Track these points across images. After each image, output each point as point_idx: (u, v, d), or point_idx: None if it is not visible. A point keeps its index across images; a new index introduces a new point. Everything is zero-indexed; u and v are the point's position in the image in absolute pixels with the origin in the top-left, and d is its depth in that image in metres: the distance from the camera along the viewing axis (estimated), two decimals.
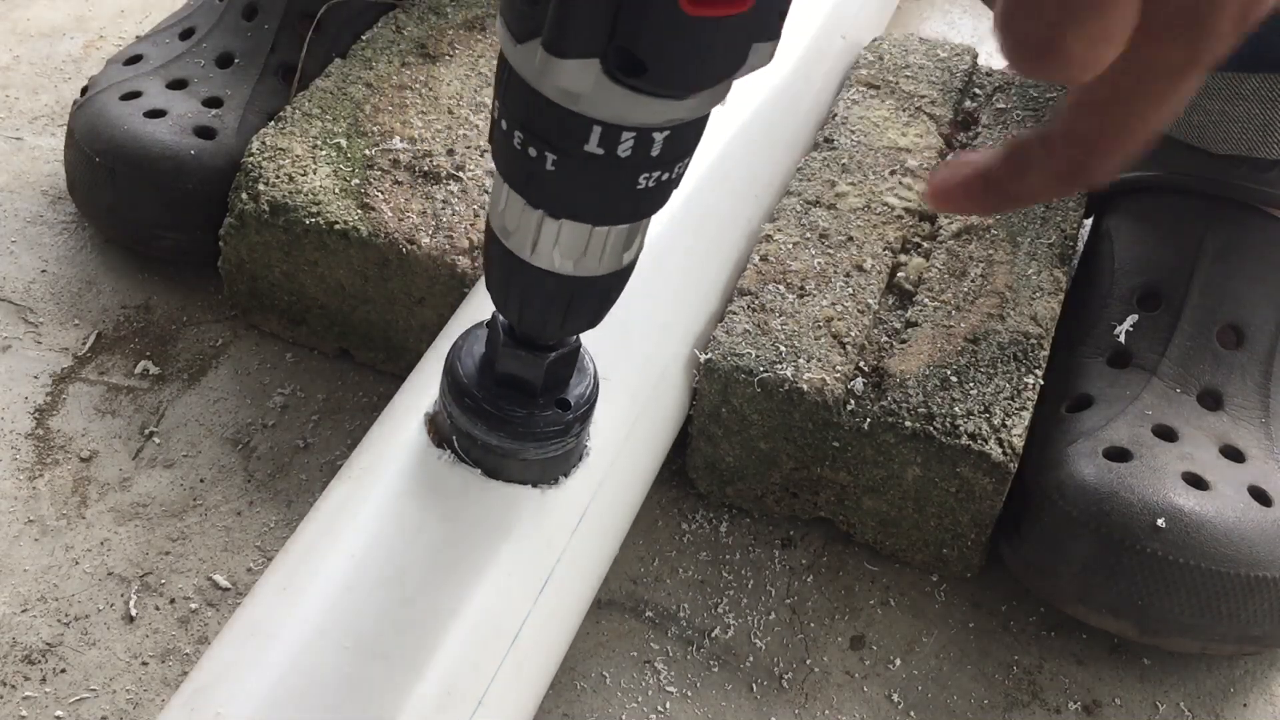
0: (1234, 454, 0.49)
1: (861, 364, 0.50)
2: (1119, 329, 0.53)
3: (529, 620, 0.40)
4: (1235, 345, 0.52)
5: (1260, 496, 0.48)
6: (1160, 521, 0.45)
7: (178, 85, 0.61)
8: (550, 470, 0.41)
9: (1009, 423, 0.48)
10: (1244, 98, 0.52)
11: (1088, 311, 0.55)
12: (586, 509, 0.43)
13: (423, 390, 0.44)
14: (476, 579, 0.39)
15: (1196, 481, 0.47)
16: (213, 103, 0.60)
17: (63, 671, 0.46)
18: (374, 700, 0.36)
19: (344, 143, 0.56)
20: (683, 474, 0.53)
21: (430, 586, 0.38)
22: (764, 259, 0.53)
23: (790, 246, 0.54)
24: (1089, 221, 0.67)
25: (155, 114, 0.58)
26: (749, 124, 0.58)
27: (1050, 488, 0.48)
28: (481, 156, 0.56)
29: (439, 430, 0.42)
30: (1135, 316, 0.53)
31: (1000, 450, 0.47)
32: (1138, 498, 0.46)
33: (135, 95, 0.59)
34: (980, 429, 0.48)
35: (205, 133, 0.58)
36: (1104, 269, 0.56)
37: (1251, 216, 0.54)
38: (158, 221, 0.58)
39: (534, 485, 0.41)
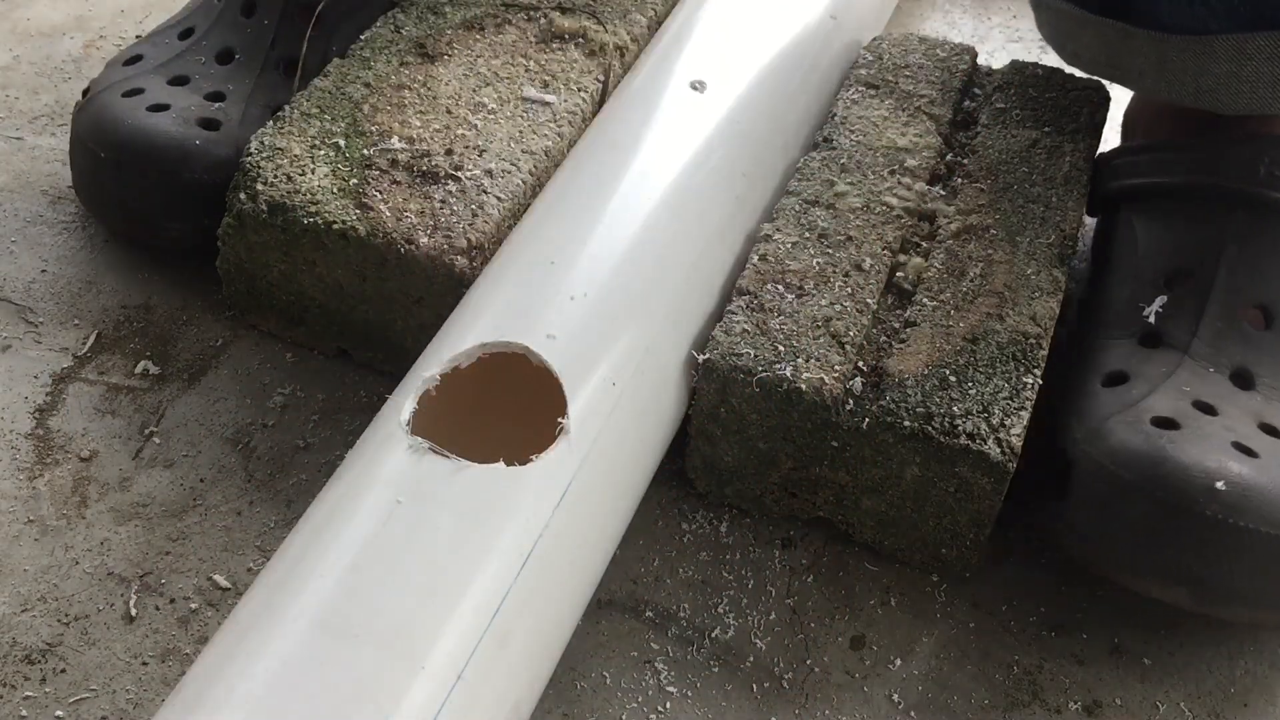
0: (1272, 431, 0.49)
1: (860, 364, 0.50)
2: (1148, 310, 0.52)
3: (510, 595, 0.40)
4: (1264, 325, 0.52)
5: None
6: (1219, 484, 0.44)
7: (179, 82, 0.61)
8: None
9: (1007, 422, 0.48)
10: (1250, 57, 0.52)
11: (1114, 294, 0.54)
12: (569, 485, 0.43)
13: (413, 389, 0.44)
14: (449, 556, 0.39)
15: (1245, 450, 0.47)
16: (215, 97, 0.60)
17: (63, 671, 0.46)
18: (349, 681, 0.36)
19: (342, 142, 0.56)
20: (683, 474, 0.53)
21: (404, 568, 0.39)
22: (763, 258, 0.53)
23: (789, 246, 0.54)
24: (1089, 221, 0.67)
25: (159, 108, 0.58)
26: (748, 123, 0.58)
27: (1100, 455, 0.47)
28: (480, 156, 0.56)
29: None
30: (1164, 298, 0.52)
31: (999, 450, 0.47)
32: (1194, 462, 0.45)
33: (137, 92, 0.59)
34: (979, 429, 0.48)
35: (209, 124, 0.58)
36: (1126, 253, 0.55)
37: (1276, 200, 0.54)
38: (165, 213, 0.58)
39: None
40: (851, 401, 0.49)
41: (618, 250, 0.50)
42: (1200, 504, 0.44)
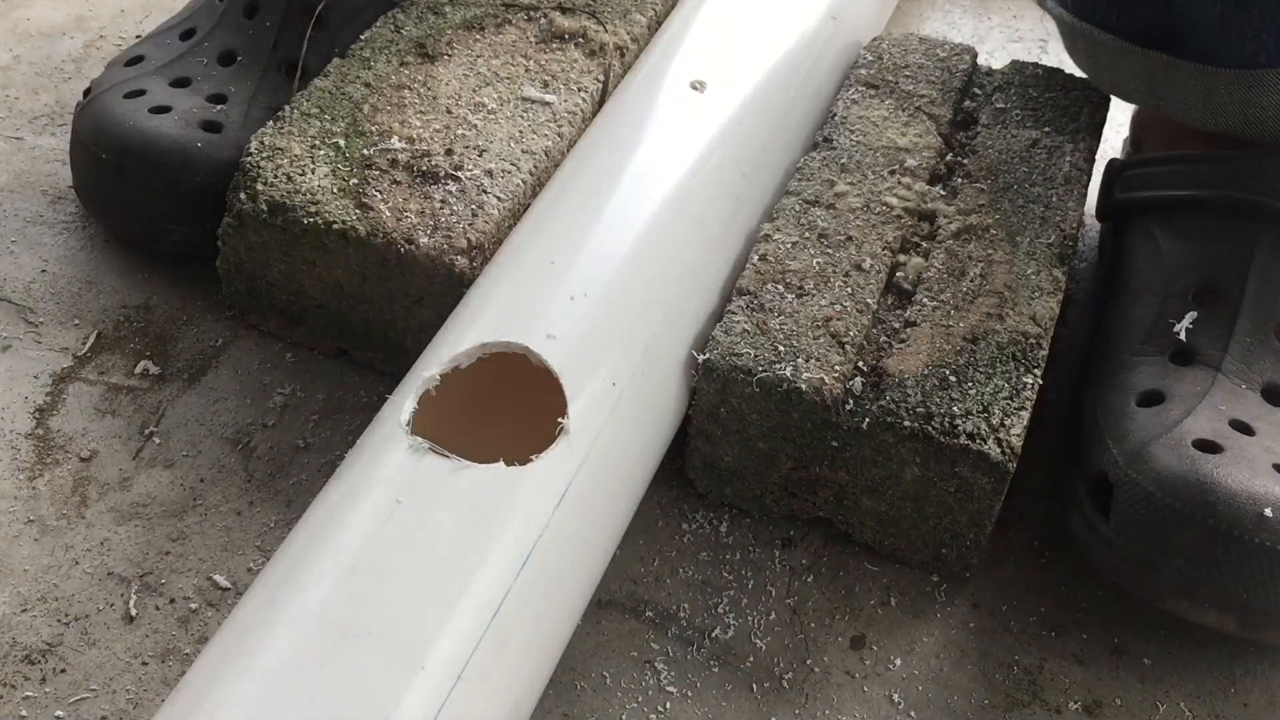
0: None
1: (860, 364, 0.50)
2: (1178, 326, 0.52)
3: (510, 595, 0.40)
4: None
5: None
6: (1267, 511, 0.44)
7: (181, 84, 0.61)
8: None
9: (1007, 422, 0.48)
10: None
11: (1140, 309, 0.54)
12: (569, 486, 0.43)
13: (413, 389, 0.44)
14: (449, 556, 0.40)
15: None
16: (217, 99, 0.60)
17: (63, 671, 0.46)
18: (349, 681, 0.36)
19: (342, 142, 0.56)
20: (683, 474, 0.53)
21: (404, 568, 0.39)
22: (763, 258, 0.53)
23: (789, 246, 0.54)
24: (1096, 224, 0.67)
25: (160, 110, 0.58)
26: (748, 123, 0.58)
27: (1145, 481, 0.47)
28: (480, 156, 0.56)
29: None
30: (1194, 313, 0.52)
31: (999, 450, 0.47)
32: (1241, 488, 0.45)
33: (139, 93, 0.59)
34: (979, 429, 0.48)
35: (211, 126, 0.58)
36: (1150, 266, 0.55)
37: None
38: (166, 216, 0.58)
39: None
40: (851, 401, 0.49)
41: (618, 250, 0.50)
42: (1250, 531, 0.44)
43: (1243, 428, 0.49)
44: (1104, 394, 0.52)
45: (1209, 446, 0.47)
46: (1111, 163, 0.61)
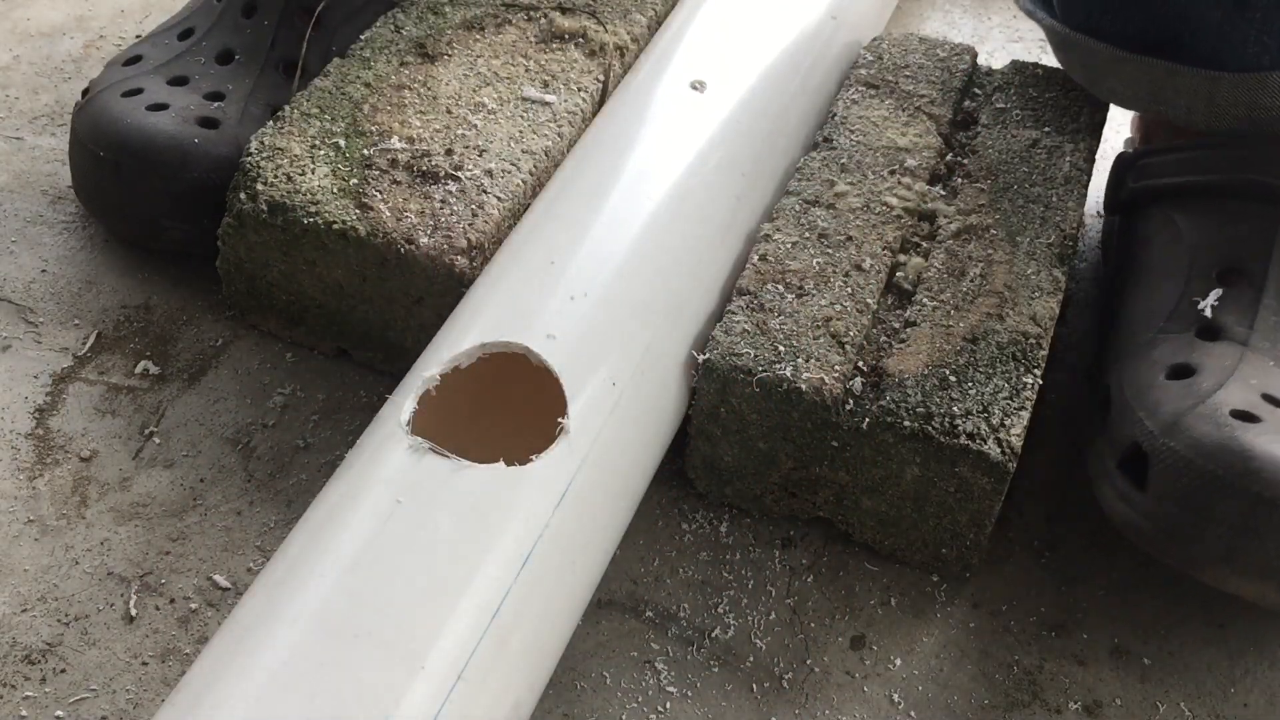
0: None
1: (860, 364, 0.50)
2: (1204, 303, 0.52)
3: (510, 594, 0.40)
4: None
5: None
6: None
7: (179, 82, 0.61)
8: None
9: (1007, 422, 0.48)
10: None
11: (1163, 291, 0.54)
12: (569, 486, 0.43)
13: (413, 389, 0.44)
14: (449, 556, 0.40)
15: None
16: (214, 96, 0.60)
17: (63, 671, 0.46)
18: (349, 681, 0.36)
19: (342, 142, 0.56)
20: (683, 474, 0.53)
21: (404, 568, 0.39)
22: (763, 258, 0.53)
23: (789, 246, 0.54)
24: (1096, 224, 0.67)
25: (158, 107, 0.58)
26: (748, 123, 0.58)
27: (1185, 449, 0.46)
28: (480, 156, 0.56)
29: None
30: (1219, 291, 0.52)
31: (999, 450, 0.47)
32: None
33: (137, 92, 0.60)
34: (979, 429, 0.48)
35: (208, 123, 0.58)
36: (1170, 249, 0.55)
37: None
38: (165, 213, 0.58)
39: None
40: (851, 401, 0.49)
41: (618, 250, 0.50)
42: None
43: (1275, 401, 0.48)
44: (1131, 371, 0.51)
45: (1246, 417, 0.47)
46: (1122, 155, 0.60)
